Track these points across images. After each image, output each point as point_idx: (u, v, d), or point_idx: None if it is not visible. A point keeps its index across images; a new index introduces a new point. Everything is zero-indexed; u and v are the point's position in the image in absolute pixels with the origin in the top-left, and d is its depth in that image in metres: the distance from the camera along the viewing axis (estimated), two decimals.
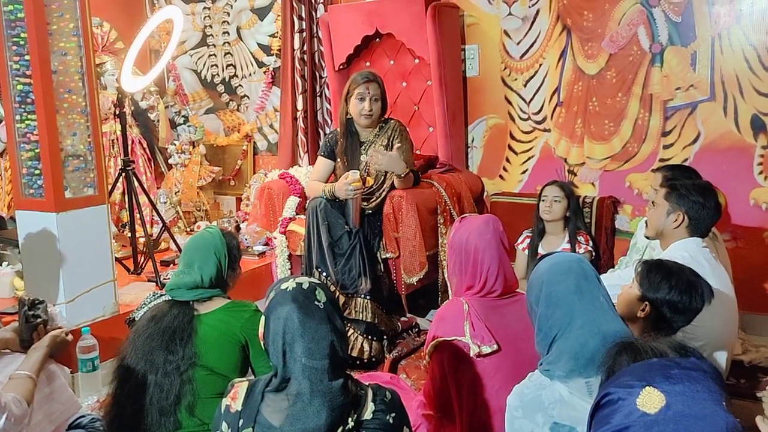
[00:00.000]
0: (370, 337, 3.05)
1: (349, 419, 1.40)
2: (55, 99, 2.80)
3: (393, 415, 1.45)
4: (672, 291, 1.83)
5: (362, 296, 3.06)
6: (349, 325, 3.03)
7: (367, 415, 1.42)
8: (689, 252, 2.21)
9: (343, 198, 3.13)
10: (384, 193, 3.25)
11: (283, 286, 1.49)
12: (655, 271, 1.88)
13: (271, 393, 1.44)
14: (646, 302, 1.86)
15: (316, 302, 1.45)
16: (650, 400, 1.06)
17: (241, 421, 1.43)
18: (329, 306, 1.47)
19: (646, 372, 1.11)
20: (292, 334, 1.41)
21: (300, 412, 1.37)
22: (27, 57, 2.76)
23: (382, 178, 3.27)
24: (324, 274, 3.11)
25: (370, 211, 3.23)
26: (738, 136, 3.33)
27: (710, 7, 3.31)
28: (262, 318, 1.50)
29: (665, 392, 1.06)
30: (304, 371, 1.40)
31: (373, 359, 3.04)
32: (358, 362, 3.01)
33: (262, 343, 1.51)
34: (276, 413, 1.41)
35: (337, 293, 3.04)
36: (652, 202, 2.44)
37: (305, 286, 1.48)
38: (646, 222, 2.52)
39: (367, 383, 1.51)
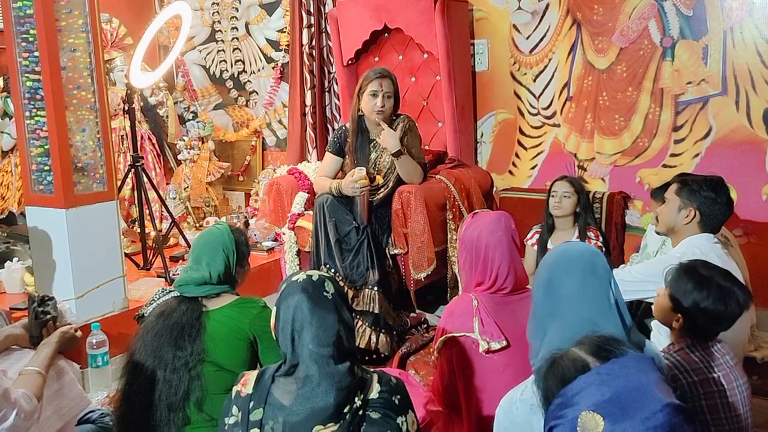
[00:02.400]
0: (377, 328, 3.05)
1: (356, 399, 1.44)
2: (64, 95, 2.81)
3: (398, 397, 1.49)
4: (705, 301, 1.69)
5: (370, 287, 3.06)
6: (357, 316, 3.03)
7: (373, 395, 1.47)
8: (700, 248, 2.19)
9: (350, 195, 3.13)
10: (391, 184, 3.24)
11: (294, 278, 1.56)
12: (685, 279, 1.75)
13: (280, 377, 1.49)
14: (679, 314, 1.74)
15: (324, 293, 1.51)
16: (589, 424, 1.09)
17: (251, 403, 1.48)
18: (337, 297, 1.53)
19: (576, 395, 1.14)
20: (301, 321, 1.48)
21: (309, 393, 1.43)
22: (36, 53, 2.77)
23: (391, 174, 3.26)
24: (332, 270, 3.11)
25: (378, 203, 3.22)
26: (750, 130, 3.30)
27: (722, 1, 3.27)
28: (274, 309, 1.56)
29: (598, 409, 1.09)
30: (311, 356, 1.45)
31: (382, 355, 3.04)
32: (367, 358, 3.01)
33: (273, 333, 1.56)
34: (286, 394, 1.46)
35: (346, 288, 3.05)
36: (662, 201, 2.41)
37: (315, 278, 1.54)
38: (657, 218, 2.49)
39: (372, 370, 1.56)
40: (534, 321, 1.58)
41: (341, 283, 3.03)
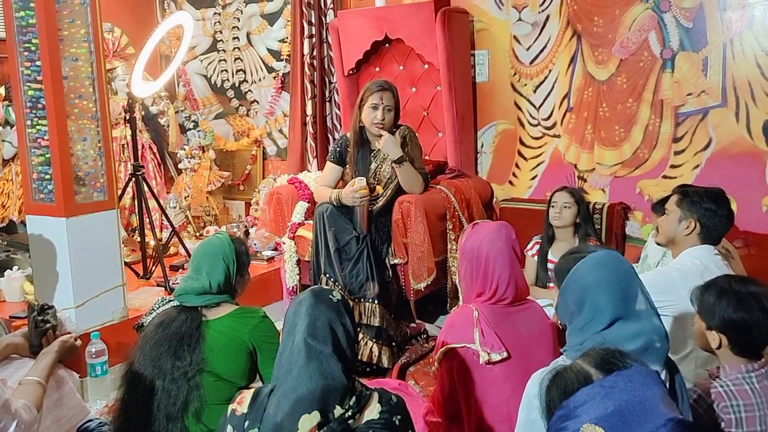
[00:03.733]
0: (379, 341, 3.04)
1: (347, 402, 1.42)
2: (65, 104, 2.82)
3: (399, 417, 1.47)
4: (726, 310, 1.67)
5: (370, 300, 3.06)
6: (359, 329, 3.02)
7: (374, 415, 1.44)
8: (701, 259, 2.19)
9: (350, 205, 3.13)
10: (389, 192, 3.24)
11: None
12: (707, 294, 1.73)
13: (275, 392, 1.47)
14: (714, 332, 1.71)
15: (330, 296, 1.55)
16: None
17: (246, 423, 1.45)
18: (341, 306, 1.55)
19: (578, 407, 1.14)
20: (301, 314, 1.50)
21: (295, 381, 1.42)
22: (38, 63, 2.77)
23: (391, 184, 3.26)
24: (332, 279, 3.10)
25: (378, 213, 3.22)
26: (750, 142, 3.30)
27: (722, 13, 3.28)
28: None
29: (600, 422, 1.10)
30: (303, 342, 1.45)
31: (382, 365, 3.03)
32: (367, 369, 3.00)
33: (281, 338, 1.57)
34: (277, 403, 1.44)
35: (347, 298, 3.04)
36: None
37: (326, 287, 1.63)
38: (657, 228, 2.49)
39: (373, 387, 1.53)
40: (569, 296, 1.63)
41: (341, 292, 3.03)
